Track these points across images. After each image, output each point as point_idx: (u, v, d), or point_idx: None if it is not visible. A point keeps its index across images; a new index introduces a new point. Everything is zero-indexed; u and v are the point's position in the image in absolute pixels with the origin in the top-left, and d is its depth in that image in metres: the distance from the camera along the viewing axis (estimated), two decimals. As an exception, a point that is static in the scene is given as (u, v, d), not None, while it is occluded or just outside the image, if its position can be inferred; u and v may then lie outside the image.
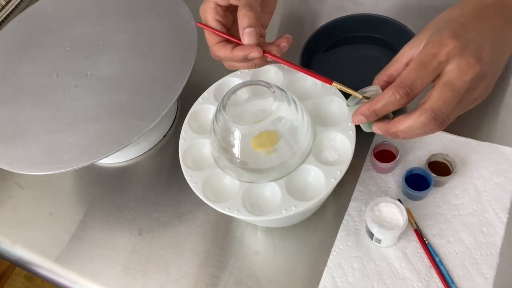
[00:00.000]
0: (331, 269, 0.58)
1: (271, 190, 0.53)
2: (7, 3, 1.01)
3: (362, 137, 0.55)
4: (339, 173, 0.51)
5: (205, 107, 0.60)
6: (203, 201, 0.53)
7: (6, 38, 0.79)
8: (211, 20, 0.54)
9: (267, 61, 0.54)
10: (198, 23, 0.56)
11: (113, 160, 0.74)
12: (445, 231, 0.58)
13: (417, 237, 0.57)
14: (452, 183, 0.60)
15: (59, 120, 0.65)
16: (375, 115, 0.46)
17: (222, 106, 0.50)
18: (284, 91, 0.51)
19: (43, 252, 0.68)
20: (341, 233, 0.60)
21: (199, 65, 0.68)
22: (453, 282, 0.54)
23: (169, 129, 0.76)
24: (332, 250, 0.59)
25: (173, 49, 0.69)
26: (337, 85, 0.51)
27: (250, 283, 0.59)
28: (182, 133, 0.58)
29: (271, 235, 0.62)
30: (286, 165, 0.52)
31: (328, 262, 0.58)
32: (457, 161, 0.60)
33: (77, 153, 0.61)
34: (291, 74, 0.60)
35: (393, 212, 0.54)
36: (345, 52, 0.73)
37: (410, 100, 0.44)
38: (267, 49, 0.53)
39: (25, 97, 0.70)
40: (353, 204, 0.61)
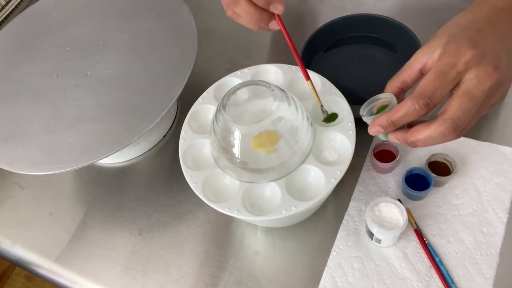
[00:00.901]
0: (331, 269, 0.58)
1: (271, 190, 0.53)
2: (7, 3, 1.01)
3: (362, 137, 0.55)
4: (339, 173, 0.51)
5: (205, 107, 0.60)
6: (203, 201, 0.53)
7: (6, 38, 0.79)
8: (243, 4, 0.53)
9: (268, 26, 0.56)
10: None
11: (113, 160, 0.74)
12: (445, 231, 0.58)
13: (417, 237, 0.57)
14: (452, 183, 0.60)
15: (59, 120, 0.65)
16: (394, 126, 0.46)
17: (222, 106, 0.50)
18: (284, 91, 0.51)
19: (43, 252, 0.68)
20: (341, 233, 0.60)
21: (199, 65, 0.68)
22: (453, 282, 0.54)
23: (169, 129, 0.76)
24: (332, 250, 0.59)
25: (173, 49, 0.69)
26: (309, 85, 0.54)
27: (250, 283, 0.59)
28: (182, 133, 0.58)
29: (271, 235, 0.62)
30: (286, 165, 0.52)
31: (328, 262, 0.58)
32: (457, 161, 0.60)
33: (77, 153, 0.61)
34: (291, 74, 0.60)
35: (393, 212, 0.54)
36: (345, 52, 0.73)
37: (430, 111, 0.44)
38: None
39: (25, 97, 0.70)
40: (353, 204, 0.61)
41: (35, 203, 0.73)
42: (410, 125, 0.46)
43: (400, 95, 0.49)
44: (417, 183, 0.58)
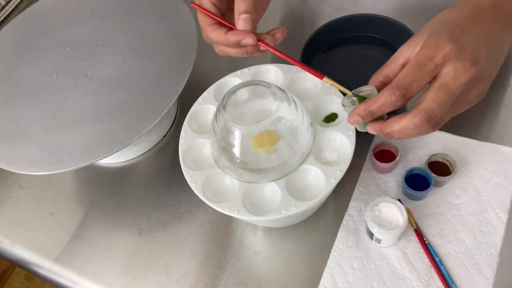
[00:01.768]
0: (331, 269, 0.58)
1: (271, 190, 0.53)
2: (7, 3, 1.01)
3: (362, 137, 0.55)
4: (339, 173, 0.51)
5: (205, 107, 0.60)
6: (203, 201, 0.53)
7: (6, 38, 0.79)
8: (206, 2, 0.53)
9: (260, 50, 0.53)
10: (192, 3, 0.54)
11: (113, 160, 0.74)
12: (445, 231, 0.58)
13: (417, 237, 0.57)
14: (452, 183, 0.60)
15: (59, 120, 0.65)
16: (371, 116, 0.46)
17: (222, 106, 0.50)
18: (284, 91, 0.51)
19: (43, 252, 0.68)
20: (341, 233, 0.60)
21: (199, 65, 0.68)
22: (453, 282, 0.54)
23: (169, 129, 0.76)
24: (332, 250, 0.59)
25: (173, 49, 0.69)
26: (328, 81, 0.51)
27: (250, 283, 0.59)
28: (182, 133, 0.58)
29: (271, 235, 0.62)
30: (286, 165, 0.52)
31: (328, 262, 0.58)
32: (457, 161, 0.60)
33: (77, 153, 0.61)
34: (291, 74, 0.60)
35: (393, 212, 0.54)
36: (345, 52, 0.73)
37: (406, 102, 0.44)
38: (261, 38, 0.52)
39: (25, 97, 0.70)
40: (353, 204, 0.61)
41: (35, 203, 0.73)
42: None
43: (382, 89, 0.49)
44: (417, 183, 0.58)
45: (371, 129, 0.48)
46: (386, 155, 0.62)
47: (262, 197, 0.53)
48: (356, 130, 0.53)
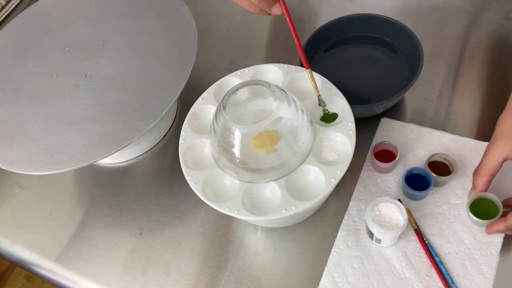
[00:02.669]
0: (331, 269, 0.58)
1: (271, 190, 0.53)
2: (7, 3, 1.01)
3: (362, 137, 0.55)
4: (339, 173, 0.51)
5: (205, 107, 0.60)
6: (203, 201, 0.53)
7: (6, 38, 0.79)
8: None
9: (270, 12, 0.54)
10: None
11: (113, 160, 0.74)
12: (445, 231, 0.58)
13: (417, 237, 0.57)
14: (452, 183, 0.60)
15: (59, 120, 0.66)
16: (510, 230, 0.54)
17: (222, 106, 0.50)
18: (284, 91, 0.51)
19: (43, 252, 0.68)
20: (341, 233, 0.60)
21: (199, 65, 0.68)
22: (453, 282, 0.54)
23: (169, 129, 0.76)
24: (332, 250, 0.59)
25: (173, 49, 0.69)
26: (309, 74, 0.55)
27: (250, 283, 0.59)
28: (182, 133, 0.58)
29: (271, 235, 0.62)
30: (286, 165, 0.52)
31: (328, 262, 0.58)
32: (457, 161, 0.60)
33: (77, 153, 0.61)
34: (291, 74, 0.60)
35: (393, 212, 0.54)
36: (345, 52, 0.73)
37: None
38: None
39: (25, 97, 0.70)
40: (353, 204, 0.61)
41: (35, 203, 0.73)
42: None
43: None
44: (417, 183, 0.58)
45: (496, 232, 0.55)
46: (386, 155, 0.62)
47: (262, 197, 0.53)
48: (357, 130, 0.53)
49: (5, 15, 1.00)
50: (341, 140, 0.54)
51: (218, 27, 0.87)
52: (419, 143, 0.64)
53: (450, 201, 0.59)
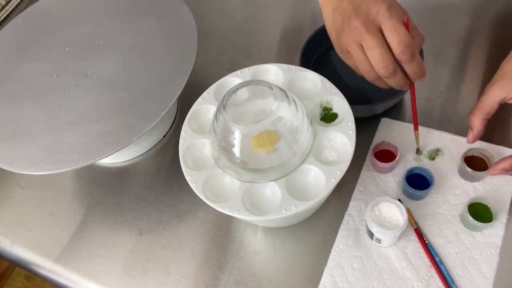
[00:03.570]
0: (331, 269, 0.58)
1: (271, 190, 0.53)
2: (7, 3, 1.01)
3: (362, 137, 0.55)
4: (339, 173, 0.51)
5: (205, 107, 0.60)
6: (203, 201, 0.53)
7: (6, 38, 0.79)
8: None
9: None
10: None
11: (113, 160, 0.74)
12: (445, 231, 0.58)
13: (417, 237, 0.57)
14: (452, 183, 0.60)
15: (59, 120, 0.66)
16: None
17: (222, 106, 0.50)
18: (284, 91, 0.51)
19: (43, 252, 0.68)
20: (341, 233, 0.60)
21: (199, 65, 0.68)
22: (453, 282, 0.54)
23: (169, 129, 0.76)
24: (332, 250, 0.59)
25: (173, 49, 0.69)
26: (416, 136, 0.61)
27: (250, 283, 0.59)
28: (182, 133, 0.58)
29: (271, 235, 0.62)
30: (286, 165, 0.52)
31: (328, 262, 0.58)
32: (492, 158, 0.59)
33: (77, 153, 0.61)
34: (291, 74, 0.60)
35: (393, 212, 0.54)
36: (345, 52, 0.73)
37: None
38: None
39: (25, 97, 0.70)
40: (353, 204, 0.61)
41: (35, 203, 0.73)
42: None
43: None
44: (418, 183, 0.59)
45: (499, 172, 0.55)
46: (386, 155, 0.62)
47: (262, 197, 0.53)
48: (357, 130, 0.53)
49: (5, 15, 1.00)
50: (341, 140, 0.54)
51: (218, 27, 0.87)
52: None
53: (450, 201, 0.59)
